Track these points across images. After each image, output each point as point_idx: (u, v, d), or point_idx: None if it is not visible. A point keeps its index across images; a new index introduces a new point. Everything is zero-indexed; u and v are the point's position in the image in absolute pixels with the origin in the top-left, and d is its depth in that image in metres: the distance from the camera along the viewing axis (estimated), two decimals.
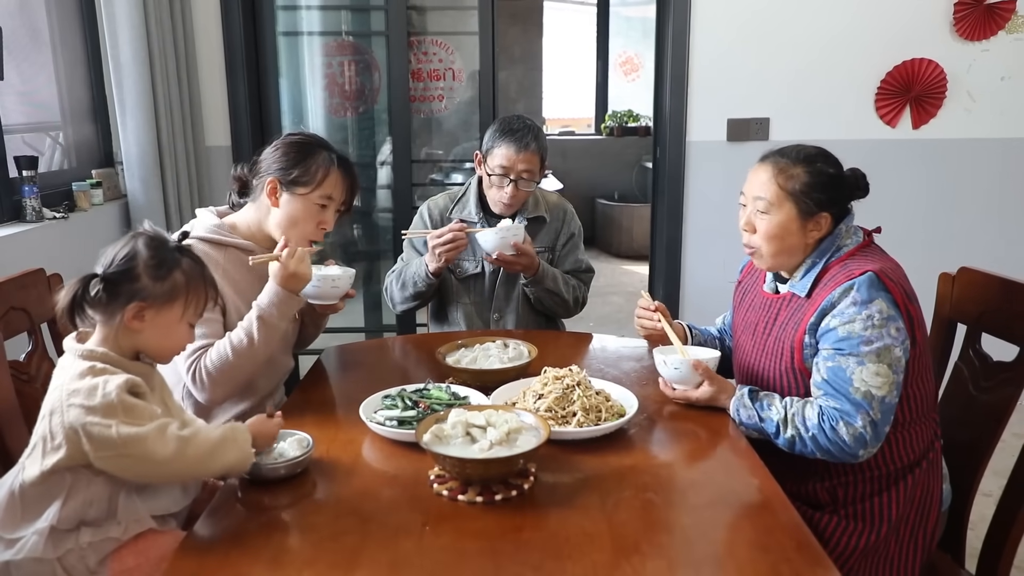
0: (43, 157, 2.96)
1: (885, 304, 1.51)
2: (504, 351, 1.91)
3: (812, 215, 1.60)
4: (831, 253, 1.62)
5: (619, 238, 7.17)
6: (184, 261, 1.37)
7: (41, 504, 1.29)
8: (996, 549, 1.61)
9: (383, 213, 3.89)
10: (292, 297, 1.71)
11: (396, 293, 2.36)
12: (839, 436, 1.49)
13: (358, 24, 3.87)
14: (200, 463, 1.30)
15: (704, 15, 3.34)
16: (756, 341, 1.73)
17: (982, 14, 3.28)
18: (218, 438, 1.31)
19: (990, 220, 3.50)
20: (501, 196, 2.29)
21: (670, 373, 1.69)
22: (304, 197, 1.82)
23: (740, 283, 1.90)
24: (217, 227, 1.84)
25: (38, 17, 2.94)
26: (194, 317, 1.39)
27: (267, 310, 1.69)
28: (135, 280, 1.31)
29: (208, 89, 3.38)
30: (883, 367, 1.49)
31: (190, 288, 1.36)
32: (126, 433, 1.23)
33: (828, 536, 1.60)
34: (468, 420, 1.40)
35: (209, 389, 1.67)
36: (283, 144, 1.86)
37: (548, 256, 2.41)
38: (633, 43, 8.00)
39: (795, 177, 1.60)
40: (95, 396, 1.24)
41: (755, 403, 1.60)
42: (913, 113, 3.39)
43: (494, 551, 1.18)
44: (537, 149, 2.27)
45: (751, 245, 1.67)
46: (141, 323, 1.32)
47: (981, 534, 1.66)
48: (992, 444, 1.67)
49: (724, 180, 3.45)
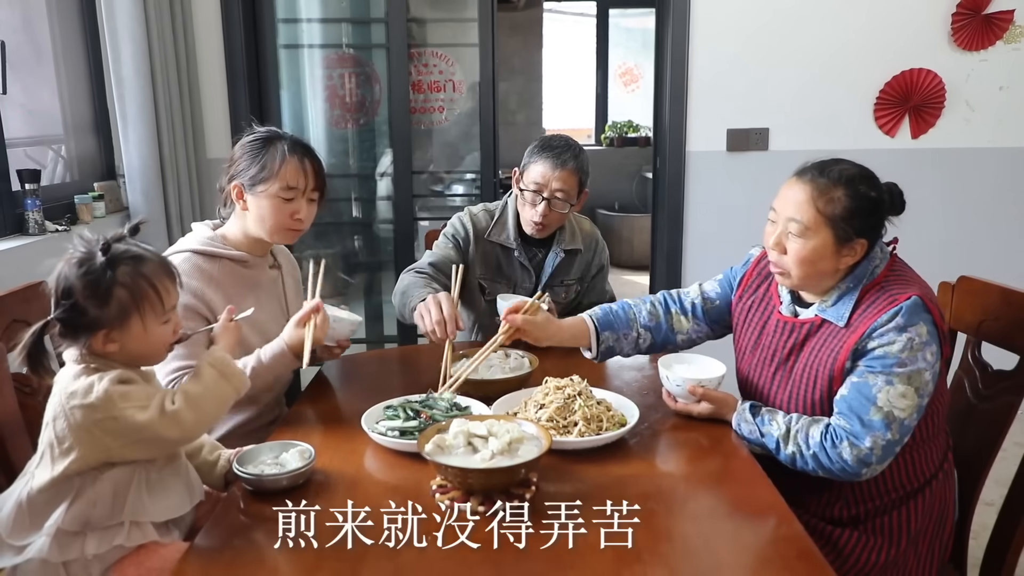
0: (45, 170, 2.97)
1: (926, 328, 1.46)
2: (505, 361, 1.91)
3: (848, 241, 1.50)
4: (866, 278, 1.54)
5: (619, 248, 7.16)
6: (120, 273, 1.29)
7: (48, 509, 1.30)
8: (998, 558, 1.61)
9: (384, 224, 3.90)
10: (288, 355, 1.75)
11: (396, 296, 2.18)
12: (840, 456, 1.46)
13: (359, 36, 3.89)
14: (207, 418, 1.37)
15: (703, 25, 3.36)
16: (778, 370, 1.65)
17: (980, 24, 3.30)
18: (205, 390, 1.35)
19: (989, 229, 3.51)
20: (532, 215, 2.19)
21: (673, 389, 1.68)
22: (266, 193, 1.81)
23: (740, 299, 1.79)
24: (210, 239, 1.85)
25: (41, 31, 2.96)
26: (161, 316, 1.34)
27: (265, 365, 1.74)
28: (83, 315, 1.27)
29: (209, 101, 3.39)
30: (911, 390, 1.45)
31: (137, 298, 1.30)
32: (132, 421, 1.26)
33: (848, 552, 1.58)
34: (470, 430, 1.40)
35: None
36: (240, 146, 1.87)
37: (577, 288, 2.38)
38: (633, 54, 8.03)
39: (836, 201, 1.49)
40: (91, 394, 1.26)
41: (756, 418, 1.58)
42: (912, 123, 3.40)
43: (496, 561, 1.18)
44: (575, 169, 2.17)
45: (779, 266, 1.57)
46: (115, 344, 1.31)
47: (983, 543, 1.66)
48: (993, 453, 1.67)
49: (724, 190, 3.46)
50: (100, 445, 1.28)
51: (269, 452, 1.46)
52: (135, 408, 1.27)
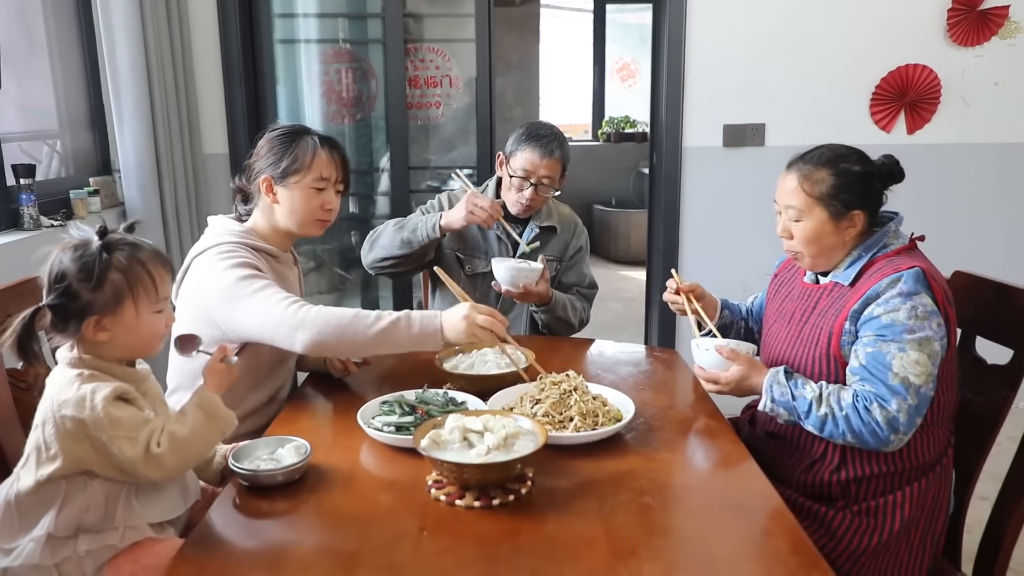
0: (41, 165, 2.97)
1: (929, 299, 1.53)
2: (501, 356, 1.91)
3: (844, 215, 1.62)
4: (878, 248, 1.64)
5: (616, 244, 7.18)
6: (115, 258, 1.29)
7: (37, 512, 1.29)
8: (992, 552, 1.62)
9: (380, 220, 3.89)
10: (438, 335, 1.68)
11: (384, 236, 2.32)
12: (873, 417, 1.50)
13: (355, 32, 3.88)
14: (188, 461, 1.33)
15: (700, 21, 3.36)
16: (791, 329, 1.75)
17: (975, 20, 3.30)
18: (191, 433, 1.30)
19: (984, 225, 3.52)
20: (519, 199, 2.33)
21: (702, 356, 1.73)
22: (299, 185, 1.83)
23: (776, 276, 1.92)
24: (244, 232, 1.84)
25: (36, 26, 2.95)
26: (154, 304, 1.34)
27: (415, 321, 1.68)
28: (76, 299, 1.27)
29: (205, 97, 3.38)
30: (923, 356, 1.51)
31: (132, 282, 1.30)
32: (118, 452, 1.24)
33: (841, 535, 1.61)
34: (466, 425, 1.41)
35: (315, 332, 1.64)
36: (266, 141, 1.86)
37: (555, 266, 2.43)
38: (630, 49, 8.03)
39: (820, 182, 1.62)
40: (84, 410, 1.24)
41: (789, 381, 1.62)
42: (908, 118, 3.40)
43: (491, 556, 1.18)
44: (561, 157, 2.30)
45: (792, 250, 1.70)
46: (106, 332, 1.30)
47: (977, 537, 1.66)
48: (987, 447, 1.67)
49: (720, 186, 3.46)
50: (84, 457, 1.27)
51: (265, 447, 1.46)
52: (123, 439, 1.25)
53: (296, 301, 1.68)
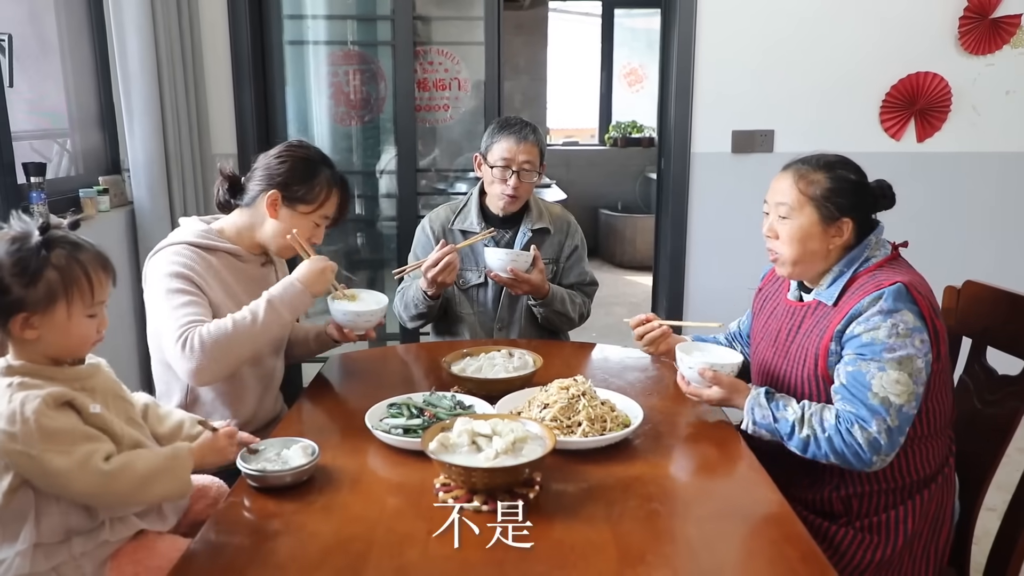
0: (51, 164, 2.97)
1: (912, 315, 1.51)
2: (509, 360, 1.91)
3: (834, 220, 1.60)
4: (859, 263, 1.61)
5: (622, 249, 7.17)
6: (54, 255, 1.23)
7: (15, 524, 1.25)
8: (1001, 564, 1.61)
9: (387, 222, 3.90)
10: (305, 293, 1.75)
11: (402, 313, 2.40)
12: (854, 439, 1.48)
13: (364, 34, 3.89)
14: (129, 496, 1.27)
15: (709, 26, 3.35)
16: (778, 348, 1.73)
17: (987, 28, 3.29)
18: (150, 469, 1.26)
19: (994, 233, 3.50)
20: (504, 189, 2.31)
21: (686, 372, 1.71)
22: (304, 215, 1.84)
23: (761, 290, 1.90)
24: (204, 232, 1.83)
25: (47, 25, 2.96)
26: (88, 308, 1.28)
27: (278, 297, 1.73)
28: (6, 293, 1.21)
29: (215, 97, 3.39)
30: (904, 375, 1.48)
31: (67, 283, 1.24)
32: (48, 465, 1.19)
33: (844, 549, 1.59)
34: (474, 429, 1.41)
35: (198, 359, 1.62)
36: (289, 158, 1.84)
37: (553, 268, 2.42)
38: (638, 54, 8.03)
39: (816, 182, 1.61)
40: (15, 422, 1.18)
41: (770, 403, 1.60)
42: (918, 126, 3.39)
43: (499, 560, 1.18)
44: (536, 141, 2.32)
45: (774, 251, 1.69)
46: (34, 331, 1.24)
47: (986, 548, 1.66)
48: (997, 458, 1.67)
49: (728, 192, 3.46)
50: (22, 470, 1.22)
51: (272, 448, 1.46)
52: (55, 452, 1.19)
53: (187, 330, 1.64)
